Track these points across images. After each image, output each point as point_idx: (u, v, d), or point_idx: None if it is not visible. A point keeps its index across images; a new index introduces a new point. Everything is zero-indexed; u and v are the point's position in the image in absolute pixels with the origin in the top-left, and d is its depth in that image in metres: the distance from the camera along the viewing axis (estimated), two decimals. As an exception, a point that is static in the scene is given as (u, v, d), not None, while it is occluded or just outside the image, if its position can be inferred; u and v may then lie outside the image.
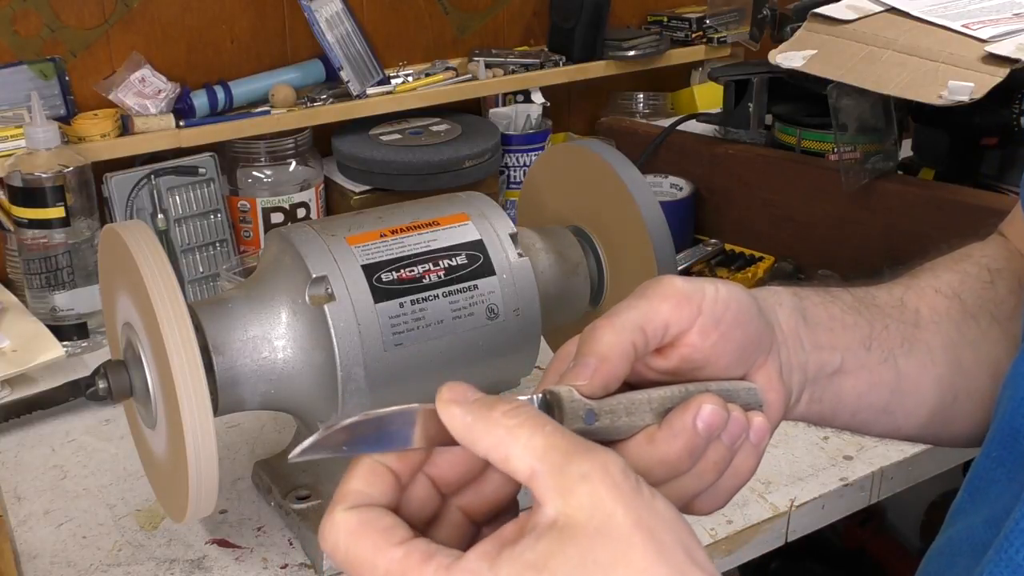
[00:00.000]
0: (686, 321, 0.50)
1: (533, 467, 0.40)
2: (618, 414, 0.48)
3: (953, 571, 0.54)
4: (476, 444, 0.42)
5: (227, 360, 0.74)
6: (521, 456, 0.40)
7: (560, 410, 0.46)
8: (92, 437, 1.00)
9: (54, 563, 0.82)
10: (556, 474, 0.40)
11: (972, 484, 0.56)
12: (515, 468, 0.41)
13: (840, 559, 1.69)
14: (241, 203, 1.26)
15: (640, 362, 0.51)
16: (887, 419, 0.61)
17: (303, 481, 0.87)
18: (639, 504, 0.40)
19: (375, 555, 0.40)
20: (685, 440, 0.48)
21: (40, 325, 1.10)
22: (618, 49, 1.50)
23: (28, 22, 1.19)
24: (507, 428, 0.41)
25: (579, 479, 0.39)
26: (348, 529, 0.41)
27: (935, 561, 0.56)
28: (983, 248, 0.68)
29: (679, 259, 1.23)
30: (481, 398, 0.43)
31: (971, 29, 1.09)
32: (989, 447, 0.55)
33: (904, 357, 0.60)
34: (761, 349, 0.53)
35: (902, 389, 0.60)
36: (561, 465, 0.40)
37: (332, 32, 1.30)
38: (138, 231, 0.72)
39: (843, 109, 1.13)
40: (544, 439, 0.40)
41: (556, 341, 0.97)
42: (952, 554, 0.54)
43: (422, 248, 0.79)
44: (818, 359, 0.57)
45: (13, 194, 1.10)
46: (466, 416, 0.42)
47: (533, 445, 0.40)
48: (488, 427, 0.41)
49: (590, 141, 1.00)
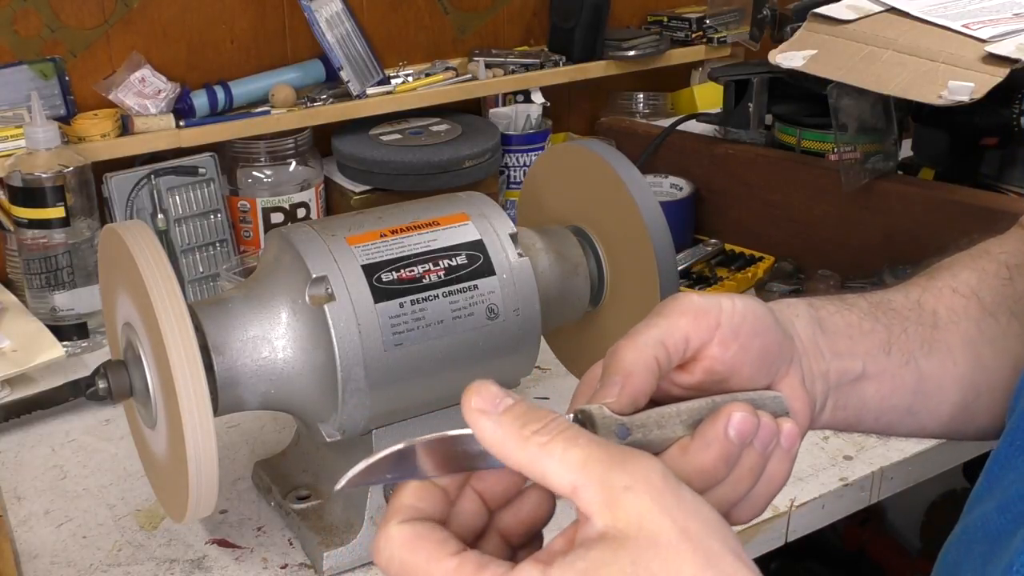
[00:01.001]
0: (705, 334, 0.51)
1: (574, 482, 0.40)
2: (649, 428, 0.48)
3: (970, 559, 0.54)
4: (509, 459, 0.42)
5: (227, 360, 0.74)
6: (559, 471, 0.41)
7: (593, 427, 0.47)
8: (92, 437, 1.00)
9: (54, 563, 0.82)
10: (600, 487, 0.40)
11: (991, 472, 0.56)
12: (555, 484, 0.41)
13: (840, 559, 1.69)
14: (241, 203, 1.26)
15: (665, 380, 0.51)
16: (911, 420, 0.61)
17: (303, 481, 0.87)
18: (685, 511, 0.40)
19: (430, 565, 0.41)
20: (719, 448, 0.49)
21: (40, 325, 1.10)
22: (618, 49, 1.50)
23: (28, 22, 1.19)
24: (540, 445, 0.41)
25: (623, 491, 0.40)
26: (402, 542, 0.42)
27: (953, 550, 0.56)
28: (1001, 244, 0.68)
29: (679, 259, 1.23)
30: (511, 408, 0.42)
31: (971, 29, 1.09)
32: (1013, 435, 0.55)
33: (925, 358, 0.60)
34: (782, 359, 0.54)
35: (925, 390, 0.60)
36: (603, 478, 0.40)
37: (332, 32, 1.30)
38: (138, 231, 0.72)
39: (843, 109, 1.13)
40: (581, 451, 0.41)
41: (556, 341, 0.97)
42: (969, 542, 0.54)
43: (422, 248, 0.78)
44: (839, 366, 0.58)
45: (13, 194, 1.10)
46: (497, 431, 0.42)
47: (570, 459, 0.41)
48: (523, 444, 0.41)
49: (590, 141, 1.00)
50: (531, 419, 0.42)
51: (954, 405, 0.62)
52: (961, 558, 0.55)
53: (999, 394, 0.62)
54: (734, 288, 1.24)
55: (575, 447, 0.41)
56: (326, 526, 0.82)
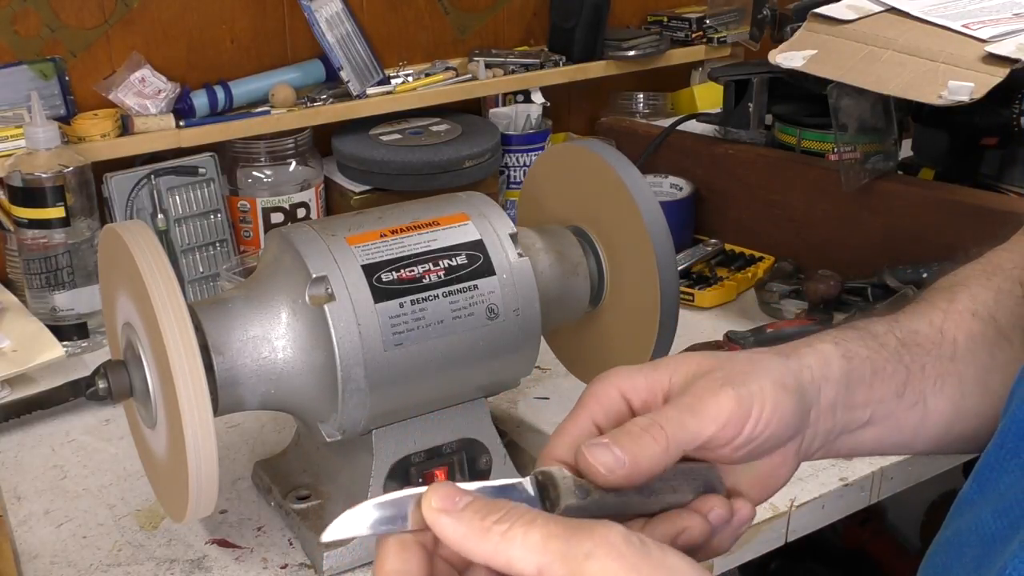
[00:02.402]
0: (723, 441, 0.52)
1: (538, 563, 0.41)
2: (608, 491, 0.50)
3: (960, 563, 0.54)
4: (473, 553, 0.43)
5: (227, 360, 0.74)
6: (522, 556, 0.41)
7: (555, 487, 0.48)
8: (92, 437, 1.00)
9: (54, 563, 0.82)
10: (563, 562, 0.41)
11: (981, 475, 0.55)
12: (520, 570, 0.42)
13: (840, 559, 1.69)
14: (241, 203, 1.26)
15: None
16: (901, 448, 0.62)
17: (303, 481, 0.87)
18: (651, 565, 0.41)
19: None
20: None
21: (40, 325, 1.10)
22: (618, 49, 1.50)
23: (28, 22, 1.19)
24: (500, 534, 0.42)
25: (585, 559, 0.40)
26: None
27: (941, 554, 0.56)
28: (1011, 255, 0.67)
29: (679, 259, 1.23)
30: (470, 504, 0.43)
31: (971, 29, 1.09)
32: (1003, 437, 0.55)
33: (934, 396, 0.61)
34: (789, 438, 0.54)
35: (925, 425, 0.61)
36: (563, 551, 0.41)
37: (332, 32, 1.30)
38: (138, 231, 0.72)
39: (843, 109, 1.13)
40: (539, 530, 0.41)
41: (556, 341, 0.97)
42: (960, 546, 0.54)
43: (422, 248, 0.78)
44: (845, 420, 0.58)
45: (13, 194, 1.10)
46: (458, 527, 0.43)
47: (530, 542, 0.41)
48: (484, 536, 0.42)
49: (590, 141, 1.00)
50: (490, 511, 0.43)
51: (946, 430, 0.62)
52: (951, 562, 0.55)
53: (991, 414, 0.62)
54: (734, 288, 1.24)
55: (533, 528, 0.42)
56: (326, 526, 0.82)
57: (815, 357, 0.56)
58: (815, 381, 0.56)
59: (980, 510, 0.54)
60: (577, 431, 0.53)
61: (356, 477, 0.81)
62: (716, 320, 1.20)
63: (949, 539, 0.56)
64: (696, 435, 0.51)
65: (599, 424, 0.53)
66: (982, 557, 0.52)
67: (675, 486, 0.52)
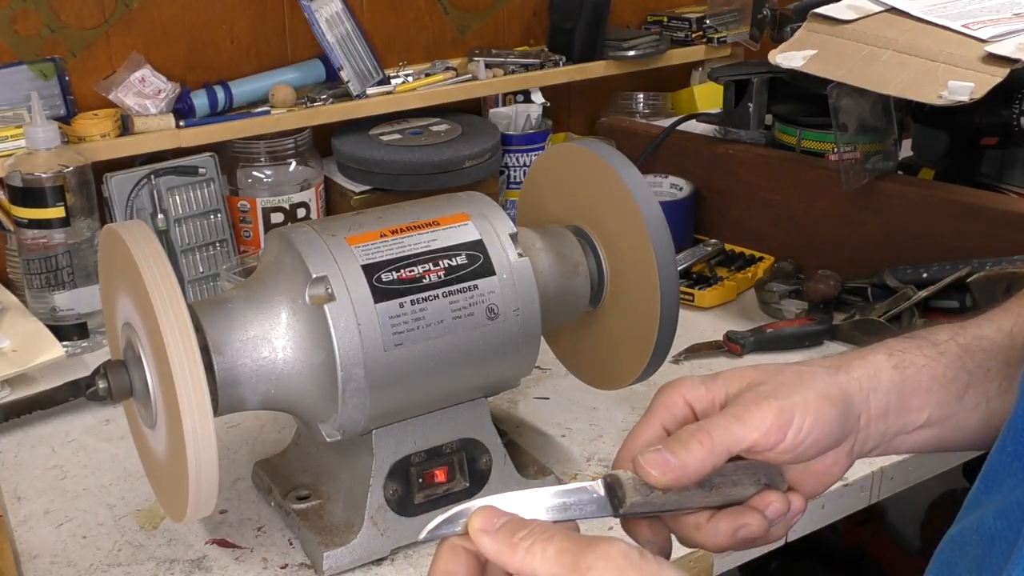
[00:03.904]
0: (766, 446, 0.57)
1: (552, 573, 0.48)
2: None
3: (964, 561, 0.55)
4: (507, 565, 0.50)
5: (227, 360, 0.74)
6: (541, 568, 0.48)
7: (622, 488, 0.55)
8: (92, 437, 1.00)
9: (54, 563, 0.82)
10: (571, 572, 0.47)
11: (988, 476, 0.56)
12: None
13: (840, 559, 1.69)
14: (241, 203, 1.26)
15: None
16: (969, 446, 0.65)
17: (303, 481, 0.87)
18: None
19: None
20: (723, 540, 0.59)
21: (40, 325, 1.10)
22: (618, 49, 1.50)
23: (28, 22, 1.19)
24: (526, 549, 0.49)
25: (587, 570, 0.47)
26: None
27: (948, 550, 0.57)
28: None
29: (679, 259, 1.23)
30: (505, 524, 0.50)
31: (971, 29, 1.09)
32: (1004, 441, 0.55)
33: (1000, 397, 0.63)
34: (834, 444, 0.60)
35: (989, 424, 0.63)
36: (573, 563, 0.47)
37: (332, 32, 1.30)
38: (138, 231, 0.72)
39: (843, 109, 1.14)
40: (555, 545, 0.48)
41: (556, 341, 0.97)
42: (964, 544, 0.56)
43: (422, 248, 0.78)
44: (900, 424, 0.62)
45: (13, 194, 1.10)
46: (494, 544, 0.50)
47: (547, 556, 0.48)
48: (513, 551, 0.49)
49: (590, 141, 1.00)
50: (519, 528, 0.50)
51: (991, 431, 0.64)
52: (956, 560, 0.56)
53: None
54: (734, 288, 1.24)
55: (551, 544, 0.48)
56: (326, 526, 0.82)
57: (865, 369, 0.62)
58: (863, 391, 0.61)
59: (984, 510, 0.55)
60: (649, 433, 0.60)
61: (356, 477, 0.82)
62: (716, 320, 1.20)
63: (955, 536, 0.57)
64: (740, 440, 0.56)
65: (667, 427, 0.60)
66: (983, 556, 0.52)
67: (735, 480, 0.58)
